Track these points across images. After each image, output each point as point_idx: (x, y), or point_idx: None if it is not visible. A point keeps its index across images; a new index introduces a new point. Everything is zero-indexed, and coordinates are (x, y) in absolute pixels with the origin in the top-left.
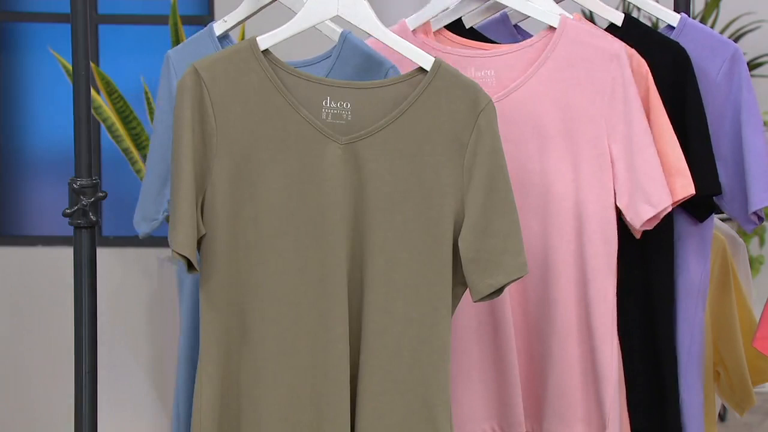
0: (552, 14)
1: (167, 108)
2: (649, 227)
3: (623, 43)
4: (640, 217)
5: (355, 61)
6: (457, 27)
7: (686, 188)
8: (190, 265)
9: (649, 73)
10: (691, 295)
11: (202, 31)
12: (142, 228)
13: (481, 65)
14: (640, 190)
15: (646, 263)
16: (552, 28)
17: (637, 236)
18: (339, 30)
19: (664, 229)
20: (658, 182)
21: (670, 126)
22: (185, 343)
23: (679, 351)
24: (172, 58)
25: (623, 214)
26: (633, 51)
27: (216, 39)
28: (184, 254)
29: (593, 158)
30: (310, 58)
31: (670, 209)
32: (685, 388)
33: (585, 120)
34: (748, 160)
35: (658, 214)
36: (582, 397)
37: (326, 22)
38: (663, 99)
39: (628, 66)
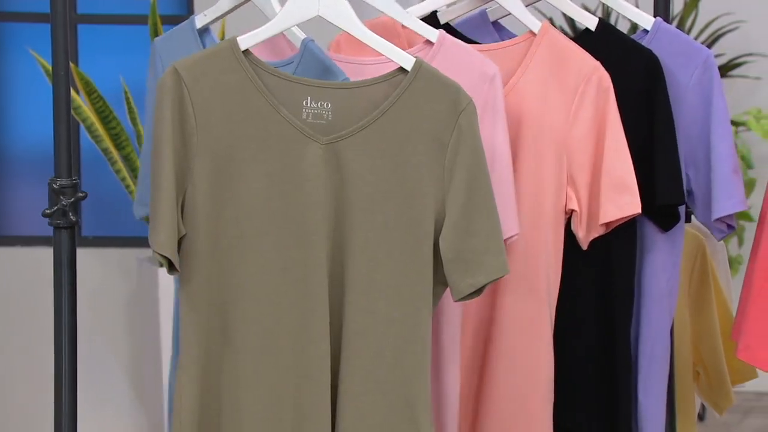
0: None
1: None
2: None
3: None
4: None
5: (313, 71)
6: (432, 22)
7: (632, 206)
8: (171, 266)
9: (611, 88)
10: (655, 299)
11: (184, 23)
12: (139, 212)
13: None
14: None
15: (608, 267)
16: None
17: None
18: (302, 36)
19: (625, 235)
20: (510, 211)
21: (624, 141)
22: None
23: (640, 354)
24: (158, 46)
25: None
26: (596, 64)
27: (196, 32)
28: (165, 254)
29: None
30: (276, 61)
31: (516, 237)
32: (645, 392)
33: None
34: (714, 168)
35: (504, 241)
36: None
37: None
38: (632, 106)
39: (501, 87)
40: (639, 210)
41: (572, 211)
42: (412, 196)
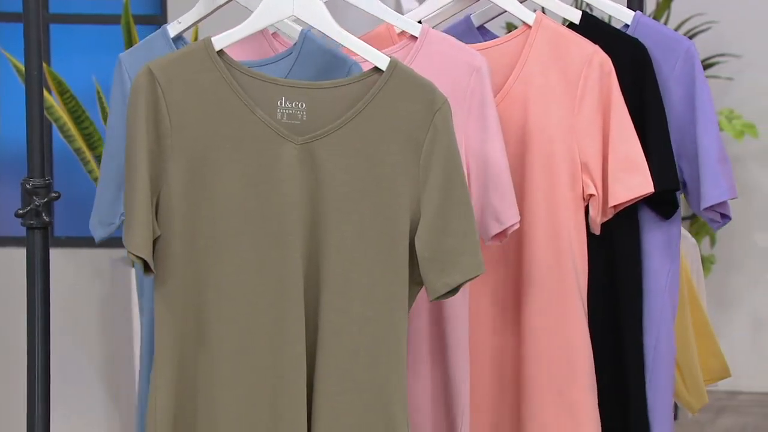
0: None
1: (121, 112)
2: (498, 242)
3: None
4: (488, 233)
5: (316, 59)
6: None
7: (644, 186)
8: (147, 267)
9: (613, 70)
10: (656, 293)
11: (155, 33)
12: (98, 233)
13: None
14: (490, 206)
15: (611, 261)
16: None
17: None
18: (299, 28)
19: (628, 227)
20: (508, 200)
21: (630, 122)
22: (148, 346)
23: (645, 350)
24: (124, 61)
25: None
26: (596, 48)
27: (171, 40)
28: (140, 256)
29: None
30: (269, 57)
31: (517, 226)
32: (652, 388)
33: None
34: (700, 158)
35: (506, 230)
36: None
37: (286, 21)
38: (623, 95)
39: (488, 78)
40: (651, 189)
41: (590, 196)
42: (387, 195)
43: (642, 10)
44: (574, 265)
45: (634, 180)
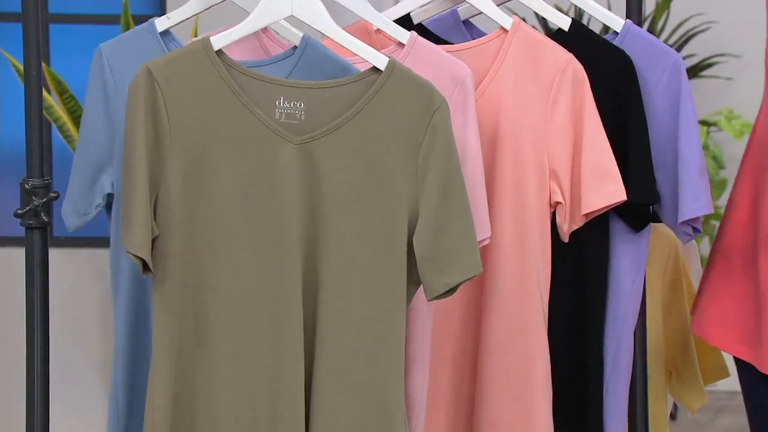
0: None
1: (99, 100)
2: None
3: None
4: None
5: (320, 65)
6: (405, 23)
7: (617, 193)
8: (146, 267)
9: (586, 78)
10: (620, 301)
11: (140, 27)
12: (72, 221)
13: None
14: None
15: (580, 267)
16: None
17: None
18: (300, 33)
19: (599, 235)
20: (480, 215)
21: (603, 130)
22: (124, 346)
23: (605, 355)
24: (105, 51)
25: None
26: (570, 56)
27: (158, 35)
28: (140, 255)
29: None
30: (268, 58)
31: (487, 242)
32: (608, 392)
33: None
34: (680, 171)
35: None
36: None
37: (284, 24)
38: (606, 106)
39: (472, 90)
40: (624, 197)
41: (557, 204)
42: (386, 195)
43: (641, 11)
44: (538, 271)
45: (607, 188)
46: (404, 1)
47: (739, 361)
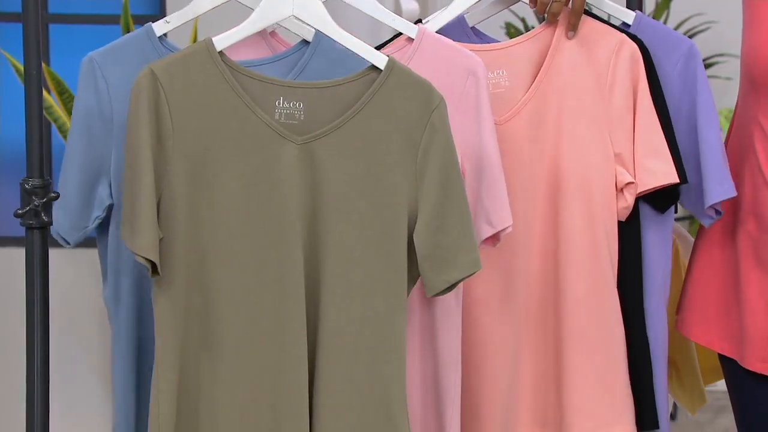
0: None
1: (92, 108)
2: (491, 246)
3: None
4: (479, 236)
5: (329, 59)
6: None
7: (669, 175)
8: (154, 269)
9: (641, 58)
10: (654, 292)
11: (136, 32)
12: (72, 237)
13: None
14: (483, 208)
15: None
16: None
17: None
18: (312, 29)
19: (631, 225)
20: (501, 202)
21: (654, 111)
22: (125, 351)
23: (650, 345)
24: (98, 61)
25: None
26: (623, 36)
27: (157, 39)
28: (149, 258)
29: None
30: (267, 57)
31: (510, 230)
32: (656, 382)
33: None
34: (704, 156)
35: (498, 234)
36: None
37: (295, 20)
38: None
39: (485, 81)
40: (676, 179)
41: (628, 184)
42: (386, 194)
43: (641, 10)
44: (610, 254)
45: (660, 168)
46: (454, 3)
47: (723, 358)
